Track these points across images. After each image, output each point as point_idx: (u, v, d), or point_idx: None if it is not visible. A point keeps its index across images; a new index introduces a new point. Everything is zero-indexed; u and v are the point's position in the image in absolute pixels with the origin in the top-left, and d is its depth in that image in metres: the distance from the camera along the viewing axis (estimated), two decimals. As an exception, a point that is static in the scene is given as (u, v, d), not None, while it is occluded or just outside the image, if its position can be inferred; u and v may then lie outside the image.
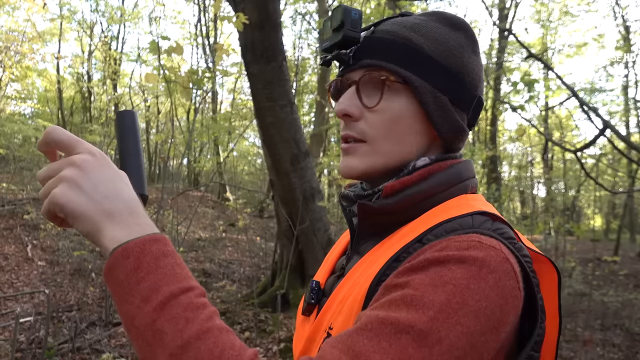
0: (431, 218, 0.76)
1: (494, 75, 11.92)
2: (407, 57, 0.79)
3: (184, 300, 0.59)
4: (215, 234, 12.05)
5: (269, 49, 5.15)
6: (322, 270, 0.95)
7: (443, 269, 0.64)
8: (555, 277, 0.78)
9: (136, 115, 0.93)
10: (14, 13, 15.20)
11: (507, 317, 0.64)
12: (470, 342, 0.60)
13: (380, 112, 0.80)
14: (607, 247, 12.29)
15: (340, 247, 0.97)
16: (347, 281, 0.79)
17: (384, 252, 0.76)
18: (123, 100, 19.56)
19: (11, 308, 6.32)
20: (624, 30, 13.43)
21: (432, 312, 0.60)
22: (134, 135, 0.88)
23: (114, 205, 0.65)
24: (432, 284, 0.62)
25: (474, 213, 0.75)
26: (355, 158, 0.81)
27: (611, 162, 14.36)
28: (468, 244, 0.66)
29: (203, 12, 16.66)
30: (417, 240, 0.72)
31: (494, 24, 8.29)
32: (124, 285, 0.60)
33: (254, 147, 21.72)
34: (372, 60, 0.79)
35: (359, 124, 0.80)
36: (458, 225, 0.72)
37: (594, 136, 4.07)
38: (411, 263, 0.67)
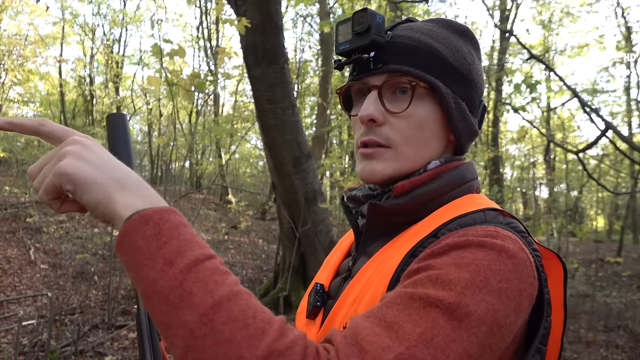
0: (442, 215, 0.77)
1: (496, 77, 11.92)
2: (431, 63, 0.81)
3: (210, 265, 0.58)
4: (217, 236, 12.06)
5: (271, 51, 5.16)
6: (324, 272, 0.95)
7: (464, 251, 0.65)
8: (562, 274, 0.79)
9: (127, 118, 0.93)
10: (16, 17, 15.25)
11: (525, 302, 0.65)
12: (496, 320, 0.61)
13: (406, 117, 0.81)
14: (610, 248, 12.27)
15: (342, 249, 0.97)
16: (357, 281, 0.79)
17: (396, 250, 0.76)
18: (125, 103, 19.60)
19: (14, 311, 6.32)
20: (625, 31, 13.42)
21: (459, 287, 0.61)
22: (124, 138, 0.88)
23: (124, 175, 0.64)
24: (455, 264, 0.64)
25: (485, 209, 0.77)
26: (380, 163, 0.81)
27: (613, 163, 14.34)
28: (486, 233, 0.68)
29: (205, 15, 16.69)
30: (432, 235, 0.73)
31: (495, 26, 8.30)
32: (143, 250, 0.58)
33: (256, 149, 21.74)
34: (398, 66, 0.80)
35: (383, 129, 0.81)
36: (472, 220, 0.74)
37: (595, 137, 4.07)
38: (432, 249, 0.68)
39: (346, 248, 0.97)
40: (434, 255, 0.67)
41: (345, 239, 1.02)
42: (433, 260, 0.66)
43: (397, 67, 0.80)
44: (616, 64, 14.96)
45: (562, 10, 15.06)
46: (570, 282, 7.39)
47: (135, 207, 0.61)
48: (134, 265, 0.58)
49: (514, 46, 13.06)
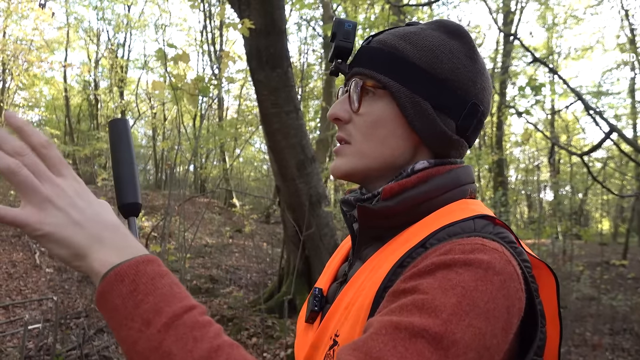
0: (432, 222, 0.76)
1: (500, 80, 11.90)
2: (389, 64, 0.83)
3: (189, 320, 0.58)
4: (222, 240, 12.07)
5: (275, 55, 5.17)
6: (324, 277, 0.97)
7: (450, 272, 0.64)
8: (554, 283, 0.78)
9: (129, 123, 0.94)
10: (22, 22, 15.33)
11: (513, 319, 0.65)
12: (483, 344, 0.60)
13: (364, 115, 0.84)
14: (615, 250, 12.21)
15: (342, 254, 0.99)
16: (350, 287, 0.79)
17: (386, 257, 0.76)
18: (130, 108, 19.67)
19: (19, 315, 6.34)
20: (630, 33, 13.38)
21: (445, 315, 0.60)
22: (127, 143, 0.89)
23: (101, 227, 0.63)
24: (441, 287, 0.63)
25: (475, 217, 0.75)
26: (341, 159, 0.86)
27: (618, 165, 14.29)
28: (472, 247, 0.67)
29: (208, 19, 16.75)
30: (420, 245, 0.72)
31: (498, 29, 8.29)
32: (120, 310, 0.58)
33: (260, 153, 21.79)
34: (359, 68, 0.85)
35: (348, 126, 0.86)
36: (460, 229, 0.73)
37: (600, 140, 4.06)
38: (417, 268, 0.67)
39: (345, 252, 0.98)
40: (420, 275, 0.66)
41: (346, 243, 1.02)
42: (419, 281, 0.65)
43: (357, 69, 0.85)
44: (620, 66, 14.92)
45: (566, 13, 15.06)
46: (576, 285, 7.36)
47: (111, 262, 0.60)
48: (114, 325, 0.59)
49: (517, 49, 13.05)
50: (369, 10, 10.04)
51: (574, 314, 6.65)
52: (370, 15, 9.80)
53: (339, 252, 1.02)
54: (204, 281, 8.43)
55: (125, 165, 0.89)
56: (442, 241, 0.71)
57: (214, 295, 7.78)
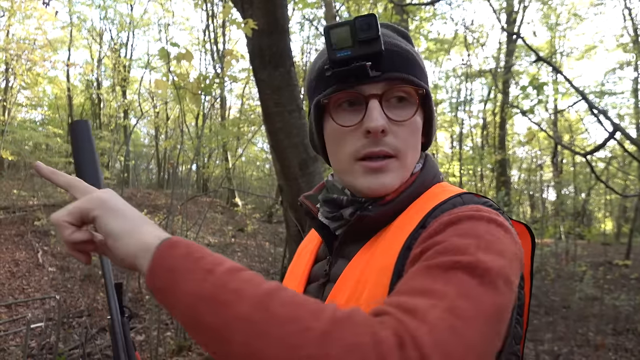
0: (422, 205, 0.79)
1: (503, 79, 11.89)
2: (418, 70, 0.83)
3: (248, 272, 0.60)
4: (224, 240, 12.07)
5: (277, 54, 5.17)
6: (292, 281, 0.94)
7: (459, 224, 0.67)
8: (530, 245, 0.83)
9: (89, 124, 0.94)
10: (25, 21, 15.35)
11: (519, 266, 0.67)
12: (507, 277, 0.62)
13: (407, 125, 0.81)
14: (618, 250, 12.18)
15: (308, 256, 0.95)
16: (343, 283, 0.78)
17: (387, 245, 0.76)
18: (132, 107, 19.68)
19: (22, 314, 6.36)
20: (633, 33, 13.35)
21: (471, 250, 0.62)
22: (89, 144, 0.89)
23: (145, 218, 0.69)
24: (456, 235, 0.65)
25: (461, 194, 0.79)
26: (388, 175, 0.80)
27: (622, 165, 14.25)
28: (471, 209, 0.70)
29: (211, 19, 16.75)
30: (421, 226, 0.74)
31: (502, 28, 8.27)
32: (179, 268, 0.59)
33: (262, 152, 21.78)
34: (398, 74, 0.79)
35: (388, 138, 0.79)
36: (452, 205, 0.75)
37: (603, 139, 4.05)
38: (427, 232, 0.69)
39: (311, 254, 0.95)
40: (432, 235, 0.68)
41: (306, 245, 1.01)
42: (433, 239, 0.67)
43: (395, 74, 0.79)
44: (624, 65, 14.88)
45: (569, 12, 15.02)
46: (579, 285, 7.35)
47: (162, 236, 0.64)
48: (170, 285, 0.59)
49: (520, 48, 13.03)
50: (372, 9, 10.03)
51: (576, 314, 6.63)
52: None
53: (300, 255, 1.00)
54: (206, 280, 8.43)
55: (89, 165, 0.88)
56: (444, 211, 0.74)
57: (217, 294, 7.79)
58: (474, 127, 16.99)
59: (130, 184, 17.81)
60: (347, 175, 0.83)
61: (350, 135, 0.80)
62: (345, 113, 0.81)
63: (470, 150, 15.70)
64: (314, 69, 0.87)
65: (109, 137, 16.80)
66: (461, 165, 13.40)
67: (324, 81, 0.82)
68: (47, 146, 18.69)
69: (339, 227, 0.86)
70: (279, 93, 5.35)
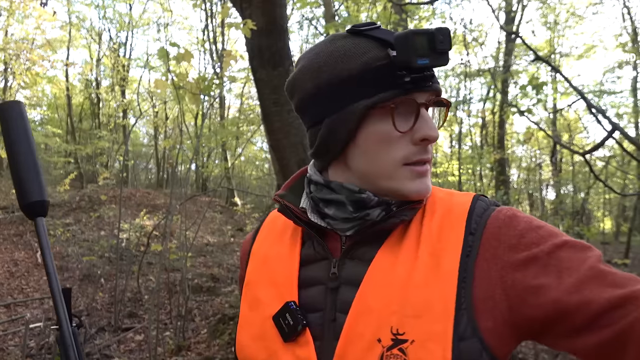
0: (443, 210, 0.82)
1: (502, 79, 11.89)
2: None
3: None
4: (223, 239, 12.08)
5: (276, 54, 5.16)
6: (272, 288, 0.87)
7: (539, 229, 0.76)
8: None
9: (23, 106, 0.81)
10: (24, 21, 15.34)
11: None
12: None
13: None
14: (617, 249, 12.20)
15: (285, 259, 0.89)
16: (375, 284, 0.77)
17: (430, 248, 0.78)
18: (132, 106, 19.68)
19: (21, 314, 6.36)
20: (632, 32, 13.36)
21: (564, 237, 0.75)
22: (23, 131, 0.77)
23: None
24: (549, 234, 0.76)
25: (477, 196, 0.84)
26: (429, 179, 0.83)
27: (620, 164, 14.26)
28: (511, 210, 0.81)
29: (210, 18, 16.75)
30: (470, 233, 0.78)
31: (500, 27, 8.28)
32: None
33: (261, 152, 21.78)
34: (439, 86, 0.82)
35: (429, 146, 0.82)
36: (482, 210, 0.81)
37: (602, 138, 4.05)
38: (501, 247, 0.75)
39: (293, 257, 0.88)
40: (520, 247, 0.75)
41: (269, 248, 0.94)
42: (531, 250, 0.74)
43: (438, 86, 0.82)
44: (623, 65, 14.89)
45: (568, 11, 15.02)
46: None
47: None
48: None
49: (519, 48, 13.03)
50: (371, 9, 10.02)
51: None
52: (372, 14, 9.78)
53: (269, 260, 0.92)
54: (205, 280, 8.43)
55: (24, 157, 0.77)
56: (480, 223, 0.79)
57: (216, 294, 7.79)
58: (473, 127, 16.99)
59: (129, 184, 17.81)
60: (391, 179, 0.80)
61: (400, 140, 0.79)
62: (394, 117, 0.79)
63: (470, 149, 15.69)
64: (344, 68, 0.80)
65: (108, 137, 16.80)
66: (460, 165, 13.38)
67: (376, 82, 0.78)
68: (46, 146, 18.70)
69: (351, 228, 0.83)
70: (278, 93, 5.35)
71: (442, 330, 0.70)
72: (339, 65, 0.81)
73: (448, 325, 0.71)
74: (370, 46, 0.80)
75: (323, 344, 0.79)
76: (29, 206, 0.78)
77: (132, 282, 7.72)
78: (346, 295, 0.79)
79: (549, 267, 0.71)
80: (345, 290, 0.80)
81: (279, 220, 0.98)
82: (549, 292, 0.69)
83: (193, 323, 6.53)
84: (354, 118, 0.79)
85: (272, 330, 0.82)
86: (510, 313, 0.72)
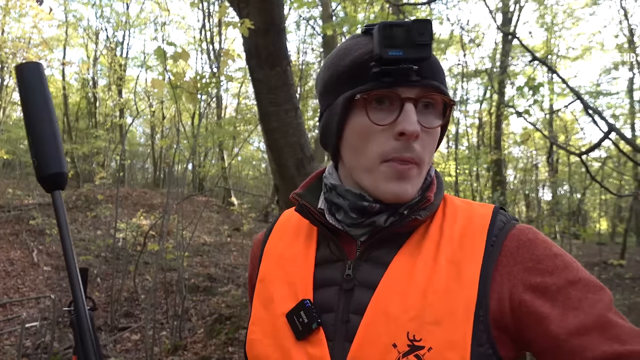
0: (463, 219, 0.82)
1: (498, 79, 11.91)
2: (444, 79, 0.82)
3: None
4: (220, 239, 12.06)
5: (273, 54, 5.16)
6: (285, 288, 0.86)
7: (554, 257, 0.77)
8: None
9: (42, 68, 0.75)
10: (20, 20, 15.29)
11: None
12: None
13: (433, 134, 0.81)
14: (613, 250, 12.23)
15: (300, 260, 0.88)
16: (393, 289, 0.77)
17: (450, 255, 0.78)
18: (128, 106, 19.64)
19: (17, 313, 6.34)
20: (628, 33, 13.39)
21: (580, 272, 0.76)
22: (42, 96, 0.72)
23: None
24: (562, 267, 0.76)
25: (497, 208, 0.84)
26: (410, 183, 0.79)
27: (617, 165, 14.30)
28: (531, 231, 0.80)
29: (207, 18, 16.73)
30: (490, 245, 0.78)
31: (497, 28, 8.29)
32: None
33: (258, 151, 21.76)
34: (433, 81, 0.78)
35: (416, 144, 0.78)
36: (502, 223, 0.81)
37: (598, 139, 4.07)
38: (516, 268, 0.76)
39: (308, 258, 0.88)
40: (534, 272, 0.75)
41: (285, 248, 0.93)
42: (544, 278, 0.74)
43: (432, 82, 0.78)
44: (619, 65, 14.93)
45: (564, 12, 15.06)
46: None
47: None
48: None
49: (516, 49, 13.06)
50: (369, 9, 10.03)
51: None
52: (370, 14, 9.79)
53: (283, 259, 0.91)
54: (202, 279, 8.43)
55: (44, 124, 0.72)
56: (500, 237, 0.79)
57: (212, 293, 7.78)
58: (470, 127, 17.02)
59: (126, 183, 17.77)
60: (370, 175, 0.79)
61: (380, 134, 0.78)
62: (376, 111, 0.78)
63: (466, 149, 15.71)
64: (341, 64, 0.82)
65: (105, 136, 16.75)
66: (457, 165, 13.41)
67: (360, 76, 0.79)
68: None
69: (364, 234, 0.83)
70: (275, 92, 5.35)
71: (462, 338, 0.70)
72: (338, 62, 0.83)
73: (467, 334, 0.71)
74: (366, 42, 0.81)
75: (335, 345, 0.77)
76: (47, 178, 0.73)
77: (129, 281, 7.71)
78: (361, 298, 0.79)
79: (557, 301, 0.72)
80: (360, 293, 0.79)
81: (292, 219, 0.97)
82: (550, 325, 0.70)
83: (189, 323, 6.53)
84: (338, 110, 0.81)
85: (285, 328, 0.81)
86: (514, 329, 0.74)
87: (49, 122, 0.71)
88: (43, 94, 0.71)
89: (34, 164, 0.73)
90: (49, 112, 0.71)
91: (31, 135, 0.72)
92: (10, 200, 11.28)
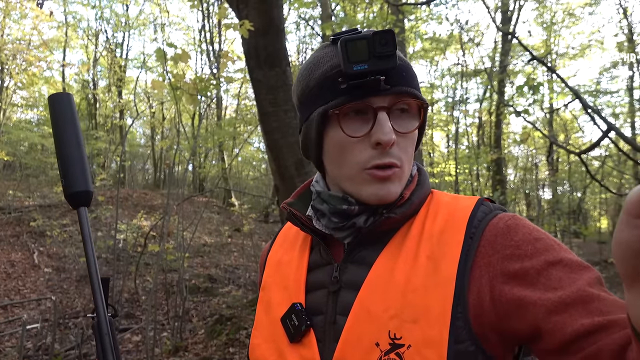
0: (445, 213, 0.82)
1: (498, 79, 11.92)
2: (418, 83, 0.84)
3: None
4: (220, 240, 12.07)
5: (273, 54, 5.17)
6: (281, 292, 0.90)
7: (533, 232, 0.76)
8: None
9: (72, 98, 0.84)
10: (20, 21, 15.30)
11: None
12: None
13: (410, 137, 0.83)
14: (613, 249, 12.19)
15: (295, 264, 0.92)
16: (376, 288, 0.78)
17: (428, 251, 0.78)
18: (128, 107, 19.65)
19: (18, 315, 6.34)
20: (628, 32, 13.40)
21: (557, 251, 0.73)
22: (72, 122, 0.80)
23: None
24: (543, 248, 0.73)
25: (480, 200, 0.83)
26: (393, 184, 0.81)
27: (616, 164, 14.30)
28: (513, 218, 0.78)
29: (207, 19, 16.74)
30: (469, 237, 0.77)
31: (497, 28, 8.31)
32: None
33: (258, 152, 21.74)
34: (404, 87, 0.79)
35: (393, 149, 0.80)
36: (483, 214, 0.80)
37: (598, 138, 4.07)
38: (500, 254, 0.74)
39: (301, 262, 0.91)
40: (513, 258, 0.73)
41: (283, 253, 0.97)
42: (523, 263, 0.72)
43: (403, 88, 0.79)
44: (618, 65, 14.93)
45: (564, 11, 15.06)
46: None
47: None
48: None
49: (515, 48, 13.06)
50: (368, 9, 10.04)
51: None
52: (369, 14, 9.80)
53: (282, 265, 0.95)
54: (202, 280, 8.43)
55: (72, 147, 0.80)
56: (480, 227, 0.78)
57: (213, 294, 7.79)
58: (470, 126, 17.02)
59: (126, 184, 17.78)
60: (352, 183, 0.82)
61: (358, 145, 0.80)
62: (351, 123, 0.80)
63: (466, 149, 15.72)
64: (312, 77, 0.84)
65: (105, 138, 16.77)
66: (457, 165, 13.42)
67: (330, 91, 0.80)
68: (42, 147, 18.64)
69: (348, 236, 0.85)
70: (275, 93, 5.35)
71: (438, 335, 0.71)
72: (309, 75, 0.85)
73: (444, 331, 0.71)
74: (334, 54, 0.82)
75: (325, 346, 0.80)
76: (73, 196, 0.80)
77: (129, 282, 7.71)
78: (346, 299, 0.80)
79: (537, 283, 0.70)
80: (346, 294, 0.81)
81: (293, 228, 1.01)
82: (532, 308, 0.69)
83: (190, 324, 6.53)
84: (314, 125, 0.83)
85: (280, 331, 0.85)
86: (497, 322, 0.72)
87: (77, 146, 0.79)
88: (72, 120, 0.80)
89: (62, 183, 0.80)
90: (77, 136, 0.80)
91: (60, 157, 0.79)
92: (10, 202, 11.29)
